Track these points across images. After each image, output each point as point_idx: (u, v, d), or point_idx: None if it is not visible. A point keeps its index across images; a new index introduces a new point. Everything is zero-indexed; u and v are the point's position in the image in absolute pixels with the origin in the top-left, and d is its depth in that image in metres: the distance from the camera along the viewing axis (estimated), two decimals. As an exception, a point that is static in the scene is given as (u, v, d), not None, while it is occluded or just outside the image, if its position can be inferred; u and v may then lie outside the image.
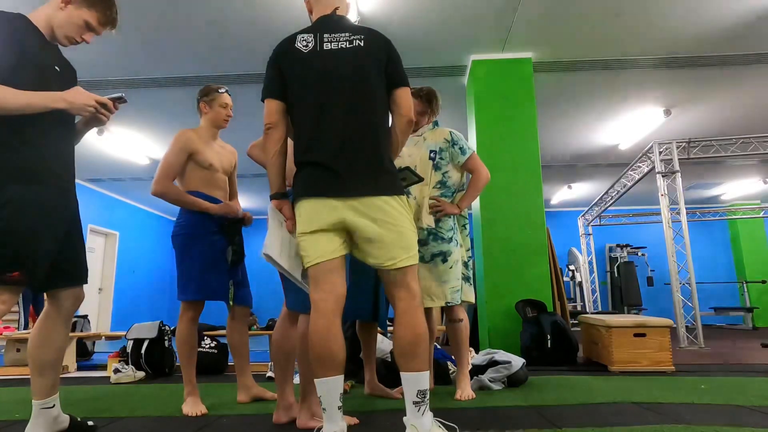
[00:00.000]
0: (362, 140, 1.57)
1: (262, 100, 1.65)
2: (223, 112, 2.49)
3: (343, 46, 1.60)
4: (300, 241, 1.59)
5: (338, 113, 1.58)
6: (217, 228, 2.37)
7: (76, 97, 1.55)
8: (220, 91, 2.49)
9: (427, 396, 1.47)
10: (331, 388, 1.47)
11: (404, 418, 1.50)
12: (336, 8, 1.70)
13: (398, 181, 1.64)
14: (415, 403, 1.44)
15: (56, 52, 1.71)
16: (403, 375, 1.47)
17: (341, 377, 1.51)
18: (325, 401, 1.47)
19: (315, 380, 1.50)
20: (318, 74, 1.59)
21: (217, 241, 2.35)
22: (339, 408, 1.49)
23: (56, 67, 1.66)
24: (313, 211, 1.55)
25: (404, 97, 1.63)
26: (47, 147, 1.59)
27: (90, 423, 1.88)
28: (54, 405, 1.71)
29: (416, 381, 1.46)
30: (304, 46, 1.61)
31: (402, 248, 1.54)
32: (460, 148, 2.52)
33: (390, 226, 1.53)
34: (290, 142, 1.73)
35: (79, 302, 1.78)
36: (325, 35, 1.62)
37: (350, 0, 1.80)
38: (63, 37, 1.66)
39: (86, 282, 1.79)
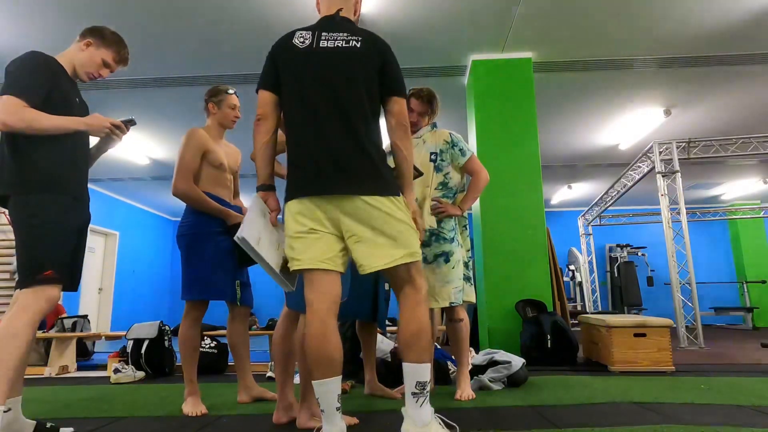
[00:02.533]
0: (354, 141, 1.54)
1: (257, 91, 1.67)
2: (231, 113, 2.51)
3: (339, 45, 1.59)
4: (292, 241, 1.56)
5: (329, 113, 1.56)
6: (223, 228, 2.37)
7: (95, 121, 1.84)
8: (228, 92, 2.51)
9: (427, 388, 1.48)
10: (328, 389, 1.46)
11: (402, 409, 1.50)
12: (339, 9, 1.70)
13: (392, 182, 1.61)
14: (414, 394, 1.46)
15: (76, 87, 1.98)
16: (404, 366, 1.49)
17: (339, 378, 1.50)
18: (323, 403, 1.47)
19: (312, 382, 1.49)
20: (311, 72, 1.59)
21: (222, 241, 2.35)
22: (337, 409, 1.48)
23: (77, 99, 1.94)
24: (307, 210, 1.53)
25: (398, 105, 1.62)
26: (63, 162, 1.81)
27: (68, 430, 1.85)
28: (9, 409, 1.64)
29: (415, 372, 1.47)
30: (300, 42, 1.62)
31: (398, 247, 1.52)
32: (460, 150, 2.52)
33: (385, 226, 1.51)
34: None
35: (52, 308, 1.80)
36: (323, 33, 1.62)
37: (359, 5, 1.82)
38: (84, 73, 1.95)
39: (76, 290, 1.90)
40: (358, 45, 1.59)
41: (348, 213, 1.52)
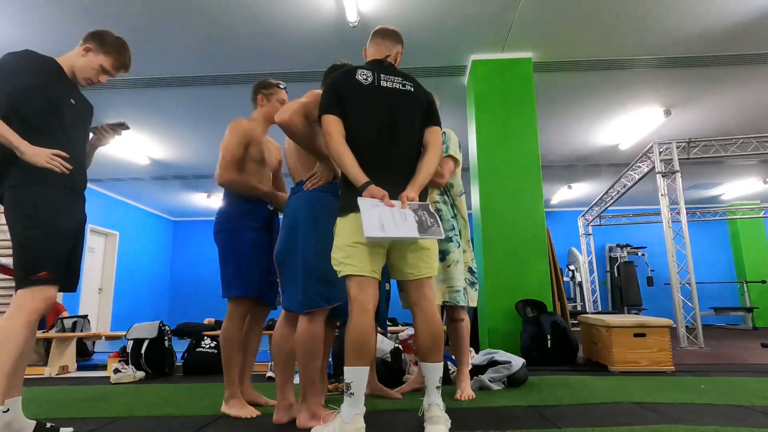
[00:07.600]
0: (409, 165, 1.85)
1: (320, 116, 1.84)
2: (279, 108, 2.36)
3: (396, 86, 1.91)
4: (350, 249, 1.75)
5: (390, 139, 1.84)
6: (259, 225, 2.30)
7: (31, 151, 1.71)
8: (280, 86, 2.45)
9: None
10: (363, 375, 1.70)
11: (425, 400, 1.76)
12: (387, 56, 2.02)
13: None
14: (437, 387, 1.77)
15: (76, 89, 1.97)
16: (428, 365, 1.77)
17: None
18: (356, 387, 1.67)
19: (350, 368, 1.67)
20: (376, 104, 1.86)
21: (258, 238, 2.27)
22: (363, 393, 1.70)
23: (72, 101, 1.90)
24: None
25: (437, 134, 1.95)
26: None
27: (68, 430, 1.85)
28: (8, 410, 1.63)
29: (438, 369, 1.78)
30: (363, 79, 1.88)
31: (429, 262, 1.85)
32: (447, 148, 2.51)
33: (423, 242, 1.81)
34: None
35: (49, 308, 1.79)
36: (382, 75, 1.91)
37: (399, 57, 2.08)
38: (82, 78, 1.95)
39: (75, 290, 1.90)
40: (412, 89, 1.94)
41: None
